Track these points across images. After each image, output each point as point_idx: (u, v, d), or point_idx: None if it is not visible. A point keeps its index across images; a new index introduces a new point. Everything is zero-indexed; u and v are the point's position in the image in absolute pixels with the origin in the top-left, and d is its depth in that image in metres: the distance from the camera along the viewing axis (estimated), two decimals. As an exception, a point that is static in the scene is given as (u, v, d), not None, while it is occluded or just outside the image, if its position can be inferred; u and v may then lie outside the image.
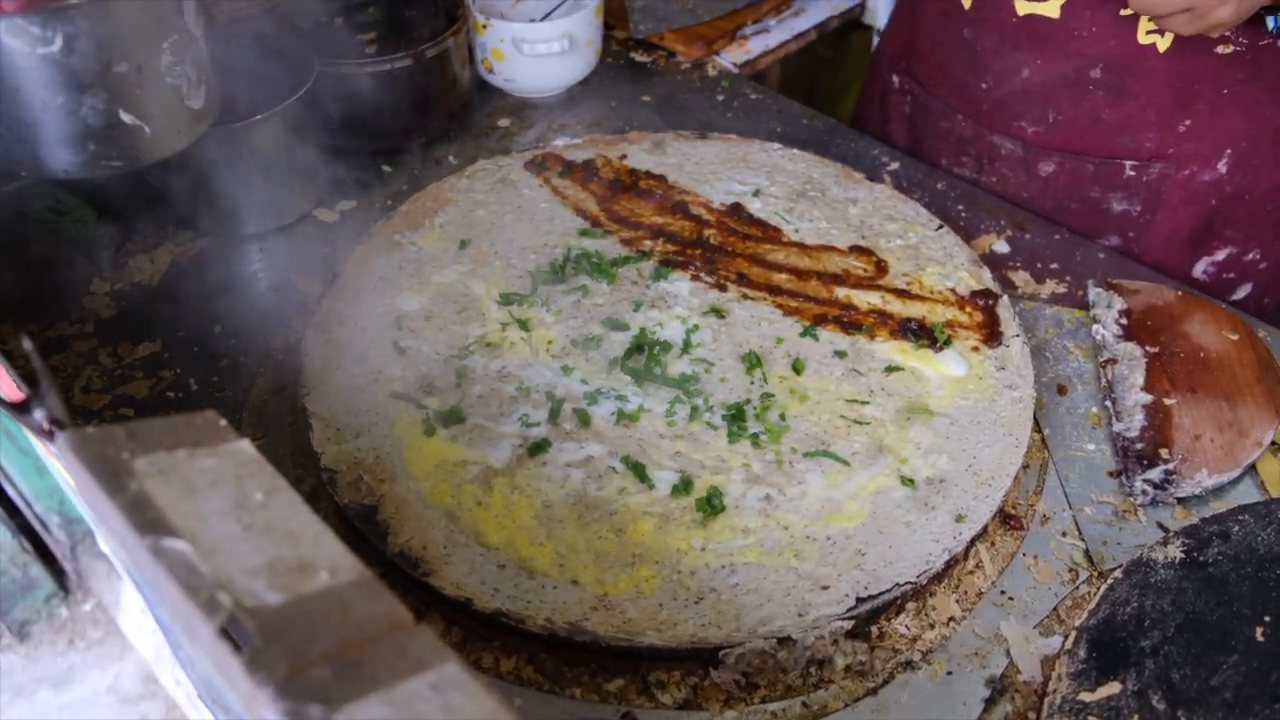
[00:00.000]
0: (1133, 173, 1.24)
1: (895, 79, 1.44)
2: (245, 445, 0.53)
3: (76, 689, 0.83)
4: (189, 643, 0.54)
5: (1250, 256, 1.29)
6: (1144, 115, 1.20)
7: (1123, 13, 1.13)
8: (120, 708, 0.82)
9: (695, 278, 1.12)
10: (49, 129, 0.86)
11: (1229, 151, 1.21)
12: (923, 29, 1.36)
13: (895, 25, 1.46)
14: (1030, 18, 1.19)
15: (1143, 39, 1.15)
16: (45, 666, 0.85)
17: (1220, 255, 1.28)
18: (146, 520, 0.47)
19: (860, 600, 0.83)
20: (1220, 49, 1.13)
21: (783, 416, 0.98)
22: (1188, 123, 1.20)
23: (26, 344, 0.53)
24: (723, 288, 1.11)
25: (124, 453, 0.50)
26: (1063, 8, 1.16)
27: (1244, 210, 1.26)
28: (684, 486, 0.91)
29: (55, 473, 0.82)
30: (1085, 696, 0.78)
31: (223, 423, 0.54)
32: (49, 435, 0.54)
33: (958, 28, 1.28)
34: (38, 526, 0.88)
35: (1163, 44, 1.14)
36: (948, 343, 1.04)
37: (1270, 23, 1.07)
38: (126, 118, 0.88)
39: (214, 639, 0.43)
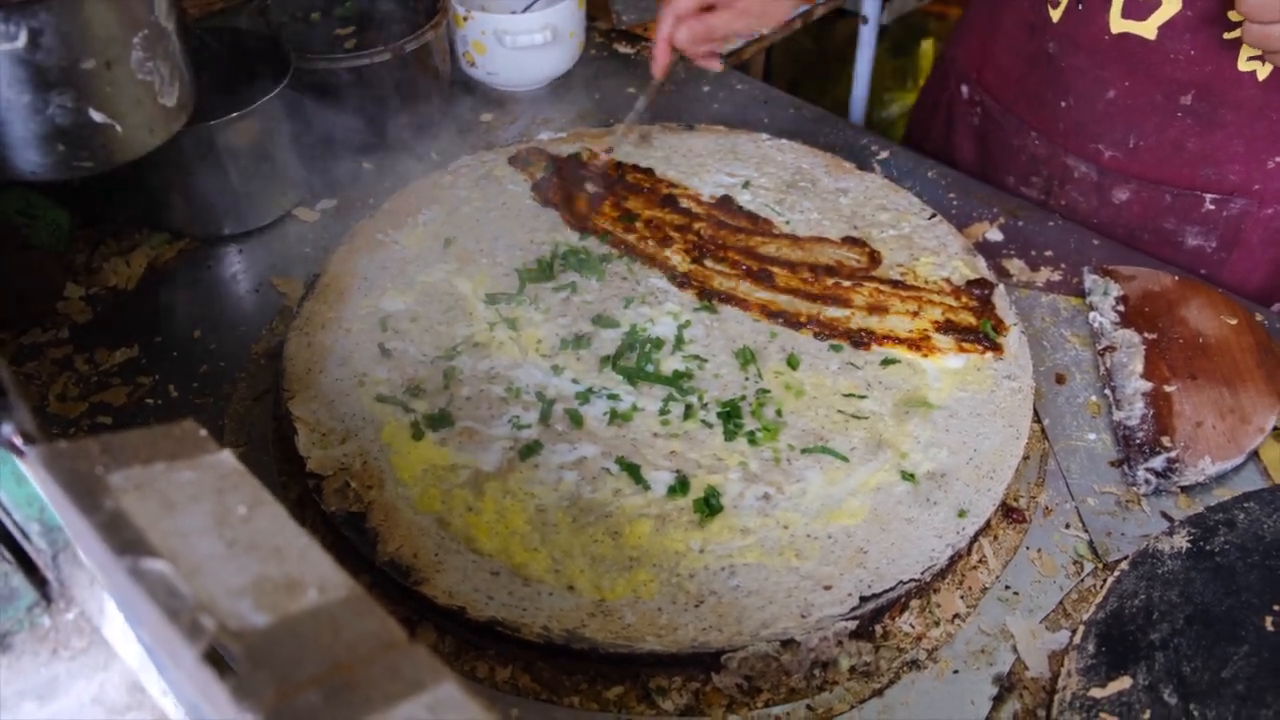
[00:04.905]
0: (1212, 206, 1.18)
1: (964, 89, 1.38)
2: (226, 456, 0.51)
3: (61, 700, 0.81)
4: (172, 667, 0.51)
5: None
6: (1231, 146, 1.14)
7: (1225, 36, 1.07)
8: (107, 717, 0.79)
9: (686, 272, 1.10)
10: (15, 129, 0.83)
11: None
12: (1001, 39, 1.29)
13: (968, 32, 1.39)
14: (1124, 37, 1.12)
15: (1242, 66, 1.08)
16: (28, 678, 0.82)
17: None
18: (123, 540, 0.44)
19: (864, 599, 0.81)
20: None
21: (779, 413, 0.96)
22: (1277, 159, 1.13)
23: (-8, 355, 0.51)
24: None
25: (98, 468, 0.48)
26: (1160, 29, 1.10)
27: None
28: (680, 487, 0.89)
29: (34, 480, 0.80)
30: (1096, 692, 0.76)
31: (202, 433, 0.52)
32: (19, 450, 0.52)
33: (1042, 41, 1.21)
34: (17, 535, 0.85)
35: (1262, 73, 1.08)
36: (992, 341, 1.01)
37: None
38: (97, 116, 0.85)
39: (197, 664, 0.40)
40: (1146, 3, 1.10)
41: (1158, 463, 0.93)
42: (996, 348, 1.01)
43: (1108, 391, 1.01)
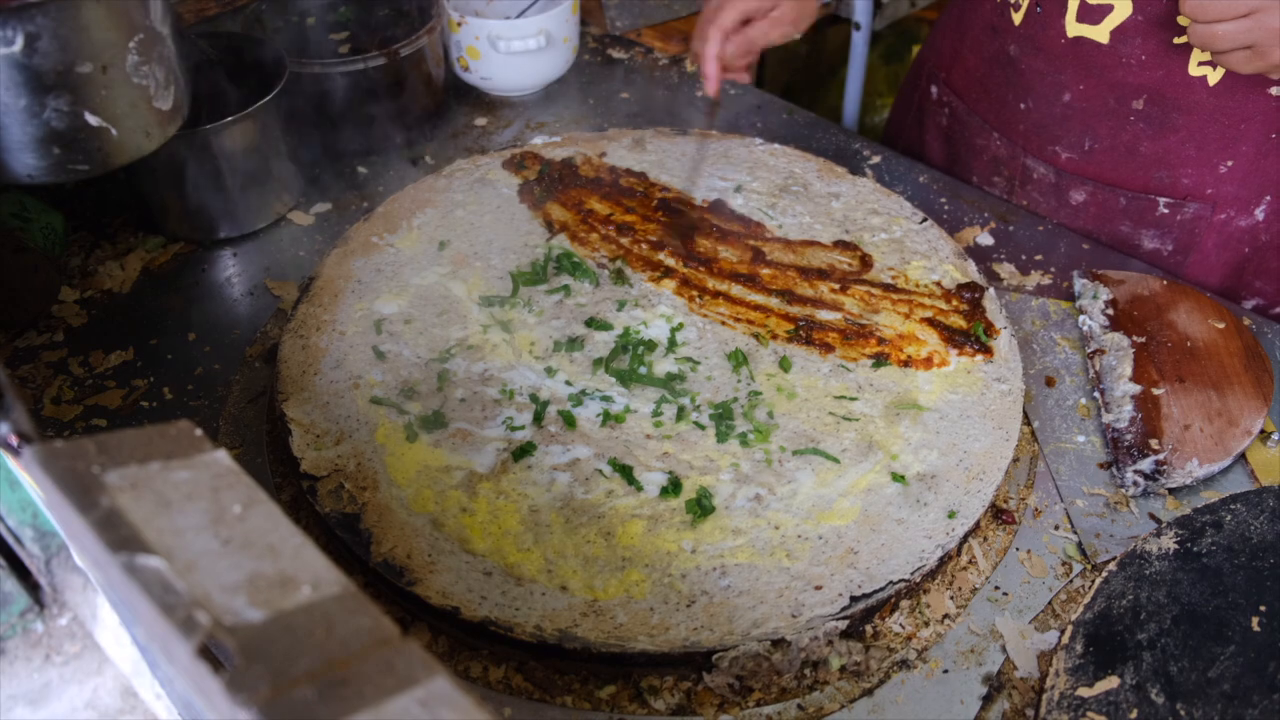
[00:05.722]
0: (1166, 210, 1.20)
1: (934, 90, 1.40)
2: (222, 456, 0.51)
3: (54, 705, 0.81)
4: (167, 663, 0.52)
5: (1278, 310, 1.24)
6: (1184, 151, 1.16)
7: (1175, 41, 1.09)
8: (99, 721, 0.80)
9: (679, 275, 1.11)
10: (12, 132, 0.83)
11: (1268, 198, 1.16)
12: (968, 41, 1.32)
13: (940, 34, 1.42)
14: (1079, 41, 1.15)
15: (1193, 70, 1.10)
16: (21, 683, 0.82)
17: (1248, 305, 1.23)
18: (119, 537, 0.45)
19: (854, 599, 0.82)
20: (1274, 90, 1.09)
21: (771, 414, 0.96)
22: (1229, 163, 1.15)
23: (-11, 355, 0.51)
24: (707, 285, 1.10)
25: (94, 467, 0.48)
26: (1112, 33, 1.12)
27: (1276, 262, 1.21)
28: (673, 488, 0.89)
29: (27, 485, 0.80)
30: (1084, 692, 0.77)
31: (198, 433, 0.52)
32: (14, 450, 0.52)
33: (1004, 44, 1.24)
34: (10, 541, 0.85)
35: (1213, 77, 1.10)
36: (983, 344, 1.02)
37: None
38: (92, 120, 0.85)
39: (192, 659, 0.41)
40: (1099, 7, 1.12)
41: (1146, 465, 0.94)
42: (987, 350, 1.02)
43: (1097, 394, 1.02)
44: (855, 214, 1.19)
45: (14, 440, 0.53)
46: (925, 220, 1.17)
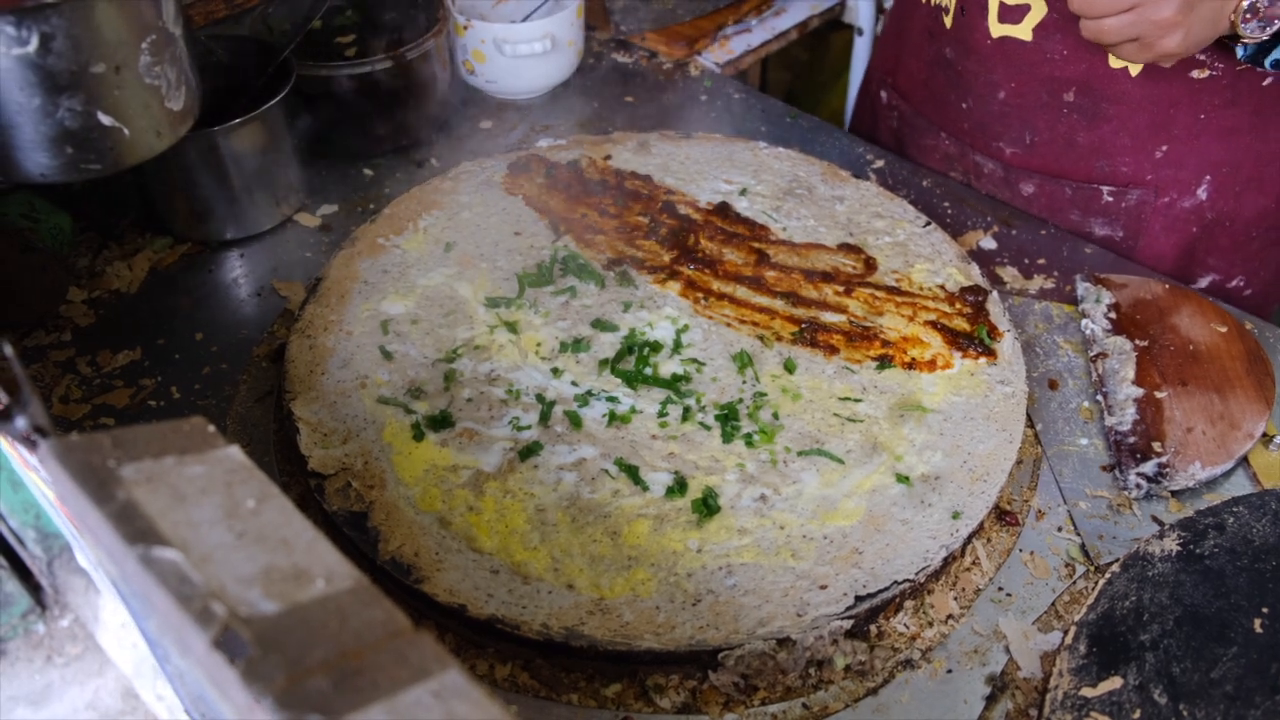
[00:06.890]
0: (1110, 198, 1.22)
1: (883, 95, 1.43)
2: (235, 451, 0.52)
3: (55, 706, 0.81)
4: (180, 655, 0.52)
5: (1234, 284, 1.27)
6: (1118, 140, 1.19)
7: None
8: (99, 723, 0.80)
9: (684, 277, 1.11)
10: (25, 132, 0.84)
11: (1208, 178, 1.19)
12: (909, 47, 1.35)
13: (885, 40, 1.45)
14: (1004, 40, 1.18)
15: (1114, 63, 1.13)
16: (23, 684, 0.83)
17: (1203, 283, 1.26)
18: (135, 529, 0.45)
19: (859, 599, 0.82)
20: (1195, 73, 1.11)
21: (776, 415, 0.97)
22: (1164, 148, 1.18)
23: (7, 349, 0.52)
24: (712, 287, 1.10)
25: (110, 460, 0.49)
26: (1034, 31, 1.15)
27: (1226, 238, 1.23)
28: (678, 488, 0.90)
29: (31, 486, 0.80)
30: (1087, 692, 0.77)
31: (211, 429, 0.53)
32: (32, 444, 0.52)
33: (940, 47, 1.27)
34: (13, 542, 0.86)
35: (1134, 68, 1.13)
36: (987, 347, 1.02)
37: (1239, 52, 1.02)
38: (105, 119, 0.86)
39: (208, 650, 0.41)
40: (1017, 8, 1.15)
41: (1149, 467, 0.94)
42: (990, 353, 1.02)
43: (1100, 397, 1.02)
44: (859, 217, 1.19)
45: (30, 434, 0.53)
46: (929, 224, 1.18)
